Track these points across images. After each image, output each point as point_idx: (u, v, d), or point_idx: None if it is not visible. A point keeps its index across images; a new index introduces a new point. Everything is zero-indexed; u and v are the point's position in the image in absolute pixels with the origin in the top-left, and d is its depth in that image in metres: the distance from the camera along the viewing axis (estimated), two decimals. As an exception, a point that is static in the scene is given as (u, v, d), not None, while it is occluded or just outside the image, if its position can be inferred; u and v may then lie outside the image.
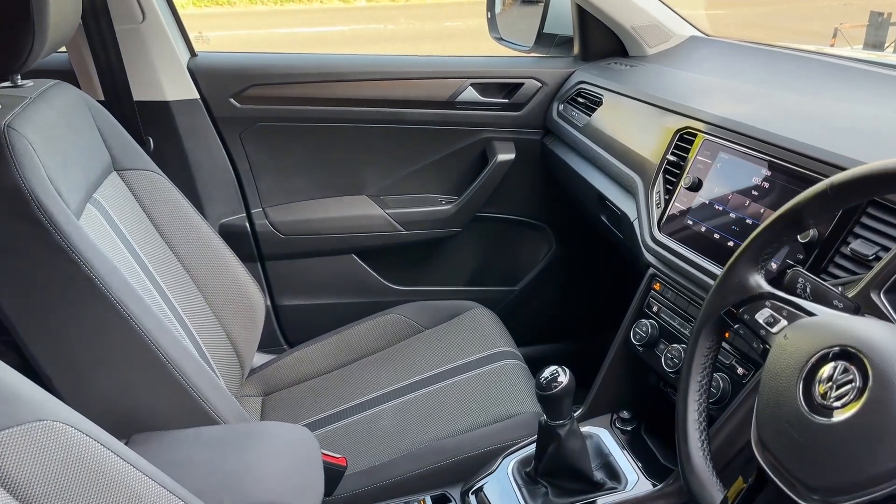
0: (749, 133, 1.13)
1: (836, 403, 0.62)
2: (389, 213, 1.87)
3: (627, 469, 1.17)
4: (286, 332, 1.96)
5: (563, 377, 1.05)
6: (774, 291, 0.79)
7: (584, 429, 1.24)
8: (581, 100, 1.73)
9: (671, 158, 1.28)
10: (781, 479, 0.67)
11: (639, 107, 1.49)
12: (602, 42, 1.81)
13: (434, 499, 1.23)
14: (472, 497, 1.18)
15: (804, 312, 0.74)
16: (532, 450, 1.17)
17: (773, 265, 0.98)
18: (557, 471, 1.12)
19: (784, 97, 1.31)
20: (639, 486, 1.13)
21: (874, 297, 0.72)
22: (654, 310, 1.24)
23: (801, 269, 0.84)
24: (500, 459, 1.21)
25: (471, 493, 1.19)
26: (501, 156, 1.85)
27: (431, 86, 1.81)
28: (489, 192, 1.89)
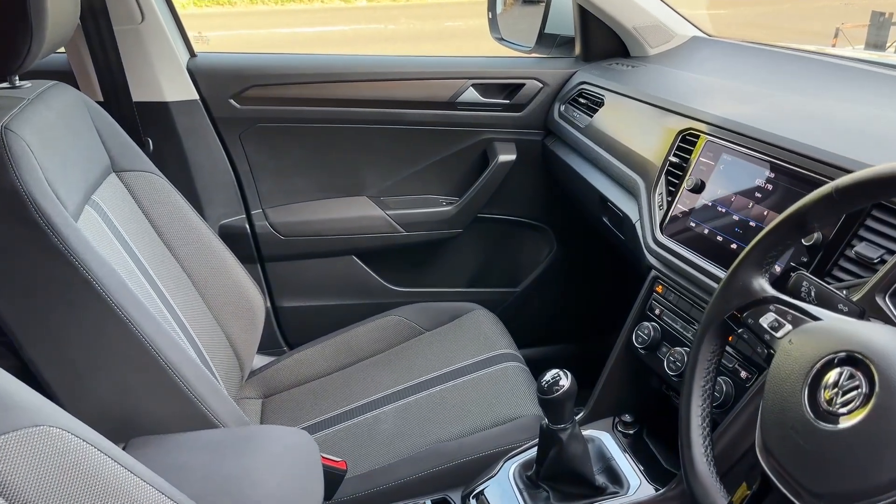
0: (751, 134, 1.12)
1: (842, 410, 0.62)
2: (390, 214, 1.86)
3: (630, 473, 1.16)
4: (286, 334, 1.95)
5: (565, 381, 1.05)
6: (779, 295, 0.79)
7: (586, 432, 1.23)
8: (582, 100, 1.72)
9: (673, 160, 1.27)
10: (786, 486, 0.66)
11: (641, 108, 1.48)
12: (604, 42, 1.80)
13: (435, 503, 1.22)
14: (473, 501, 1.18)
15: (809, 317, 0.74)
16: (533, 453, 1.16)
17: (777, 268, 0.98)
18: (559, 475, 1.12)
19: (786, 98, 1.30)
20: (641, 491, 1.13)
21: (879, 301, 0.71)
22: (657, 312, 1.23)
23: (806, 273, 0.83)
24: (502, 463, 1.21)
25: (472, 497, 1.18)
26: (502, 157, 1.84)
27: (432, 86, 1.80)
28: (490, 194, 1.88)
